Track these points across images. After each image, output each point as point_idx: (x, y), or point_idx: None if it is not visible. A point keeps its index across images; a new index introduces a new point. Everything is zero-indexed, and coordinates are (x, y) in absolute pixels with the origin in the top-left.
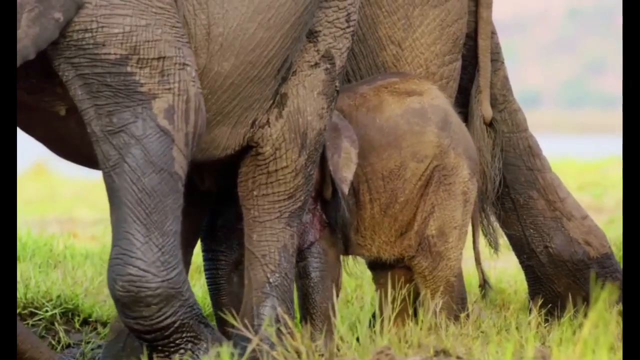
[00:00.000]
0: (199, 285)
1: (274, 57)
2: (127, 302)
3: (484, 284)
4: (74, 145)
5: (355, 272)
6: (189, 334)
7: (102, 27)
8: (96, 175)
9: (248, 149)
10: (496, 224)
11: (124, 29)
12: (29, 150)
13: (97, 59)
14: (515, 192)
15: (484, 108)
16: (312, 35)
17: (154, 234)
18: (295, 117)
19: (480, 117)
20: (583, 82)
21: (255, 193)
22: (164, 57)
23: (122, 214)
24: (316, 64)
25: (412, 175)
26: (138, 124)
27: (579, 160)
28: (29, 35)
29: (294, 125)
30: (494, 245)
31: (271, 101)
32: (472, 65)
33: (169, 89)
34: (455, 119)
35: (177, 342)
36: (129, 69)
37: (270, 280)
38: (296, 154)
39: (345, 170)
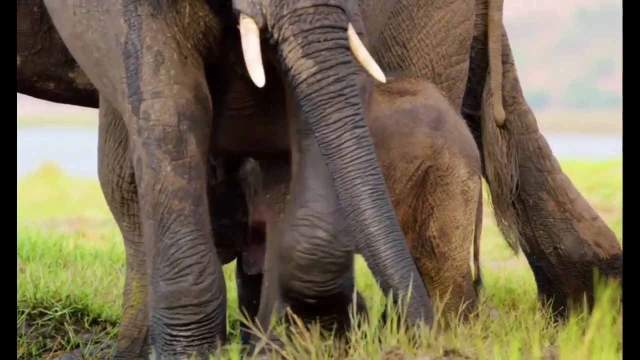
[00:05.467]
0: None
1: (369, 49)
2: (305, 264)
3: (478, 281)
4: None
5: (366, 271)
6: (342, 308)
7: None
8: None
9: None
10: (515, 226)
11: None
12: (39, 151)
13: None
14: (525, 194)
15: (496, 110)
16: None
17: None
18: None
19: (492, 120)
20: (590, 83)
21: (288, 197)
22: None
23: (319, 179)
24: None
25: (402, 176)
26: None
27: (587, 161)
28: None
29: None
30: (514, 247)
31: None
32: (481, 68)
33: None
34: (452, 118)
35: (334, 314)
36: None
37: None
38: None
39: None
